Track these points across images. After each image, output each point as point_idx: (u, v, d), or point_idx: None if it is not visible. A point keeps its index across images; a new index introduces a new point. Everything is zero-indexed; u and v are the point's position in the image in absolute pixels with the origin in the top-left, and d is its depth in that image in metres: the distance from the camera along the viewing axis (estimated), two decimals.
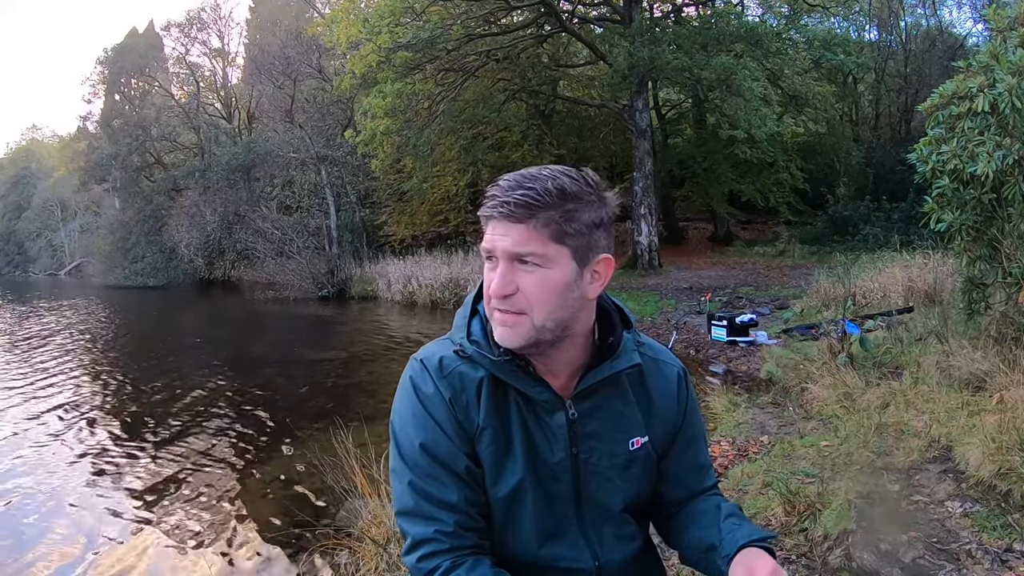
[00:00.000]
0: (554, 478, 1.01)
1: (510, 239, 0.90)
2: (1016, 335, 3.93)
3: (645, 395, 1.06)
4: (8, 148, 54.61)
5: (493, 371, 0.97)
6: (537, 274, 0.91)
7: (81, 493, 4.72)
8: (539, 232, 0.89)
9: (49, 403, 7.28)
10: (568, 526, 1.03)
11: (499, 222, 0.91)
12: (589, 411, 1.01)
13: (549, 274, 0.91)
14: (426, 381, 0.98)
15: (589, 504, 1.03)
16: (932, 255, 7.22)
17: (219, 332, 13.93)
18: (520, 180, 0.91)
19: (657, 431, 1.07)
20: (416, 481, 0.96)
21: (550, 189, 0.90)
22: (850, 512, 2.68)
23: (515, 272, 0.91)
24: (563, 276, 0.92)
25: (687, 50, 13.66)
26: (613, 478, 1.03)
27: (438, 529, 0.95)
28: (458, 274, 14.74)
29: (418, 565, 0.96)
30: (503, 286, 0.91)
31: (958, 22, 23.82)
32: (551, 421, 1.00)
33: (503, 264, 0.92)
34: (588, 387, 1.00)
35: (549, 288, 0.91)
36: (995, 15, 4.12)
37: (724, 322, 7.46)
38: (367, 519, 3.14)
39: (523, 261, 0.91)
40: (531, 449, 0.99)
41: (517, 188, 0.90)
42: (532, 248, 0.90)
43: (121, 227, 27.63)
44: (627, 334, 1.03)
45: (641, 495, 1.09)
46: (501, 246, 0.91)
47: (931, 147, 4.15)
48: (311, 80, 21.73)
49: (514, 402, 0.99)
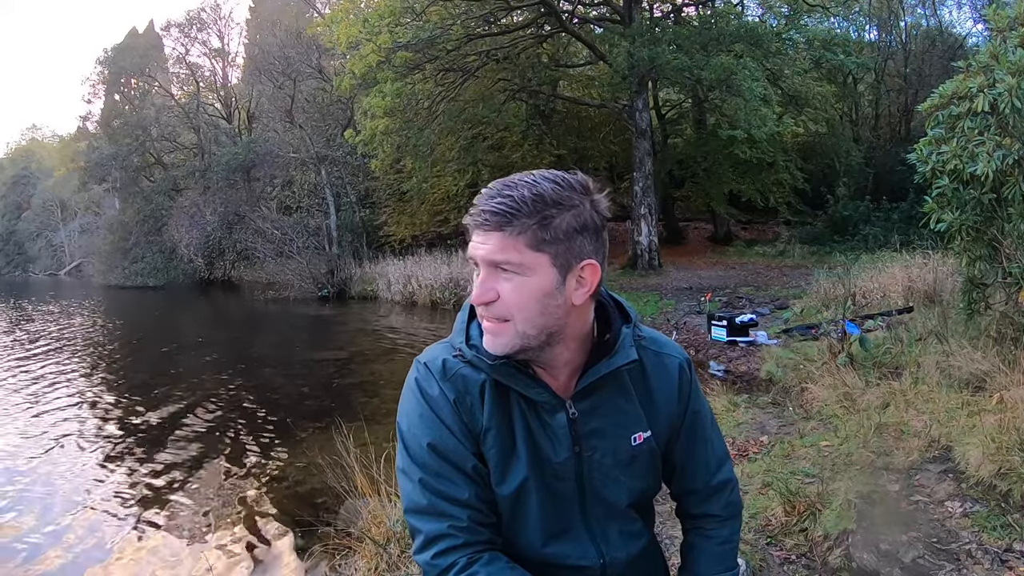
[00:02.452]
0: (559, 477, 1.01)
1: (487, 247, 0.91)
2: (1016, 335, 3.94)
3: (646, 389, 1.06)
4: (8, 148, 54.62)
5: (492, 374, 0.97)
6: (515, 281, 0.91)
7: (81, 493, 4.72)
8: (515, 240, 0.90)
9: (49, 404, 7.29)
10: (573, 524, 1.03)
11: (478, 230, 0.92)
12: (589, 409, 1.01)
13: (528, 282, 0.91)
14: (431, 383, 0.99)
15: (594, 502, 1.04)
16: (932, 255, 7.21)
17: (219, 332, 13.93)
18: (500, 188, 0.92)
19: (659, 425, 1.07)
20: (427, 479, 0.97)
21: (526, 196, 0.90)
22: (850, 512, 2.68)
23: (496, 280, 0.92)
24: (543, 283, 0.92)
25: (687, 50, 13.66)
26: (617, 475, 1.04)
27: (452, 524, 0.95)
28: (458, 274, 14.74)
29: (433, 562, 0.95)
30: (483, 293, 0.92)
31: (958, 22, 23.79)
32: (553, 421, 1.00)
33: (483, 272, 0.93)
34: (587, 386, 1.00)
35: (528, 295, 0.92)
36: (995, 15, 4.12)
37: (724, 322, 7.46)
38: (367, 519, 3.14)
39: (502, 269, 0.92)
40: (534, 449, 1.00)
41: (495, 196, 0.91)
42: (508, 256, 0.90)
43: (121, 227, 27.60)
44: (626, 329, 1.02)
45: (646, 491, 1.09)
46: (479, 254, 0.92)
47: (931, 147, 4.14)
48: (311, 80, 21.71)
49: (516, 403, 1.00)
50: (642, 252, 15.15)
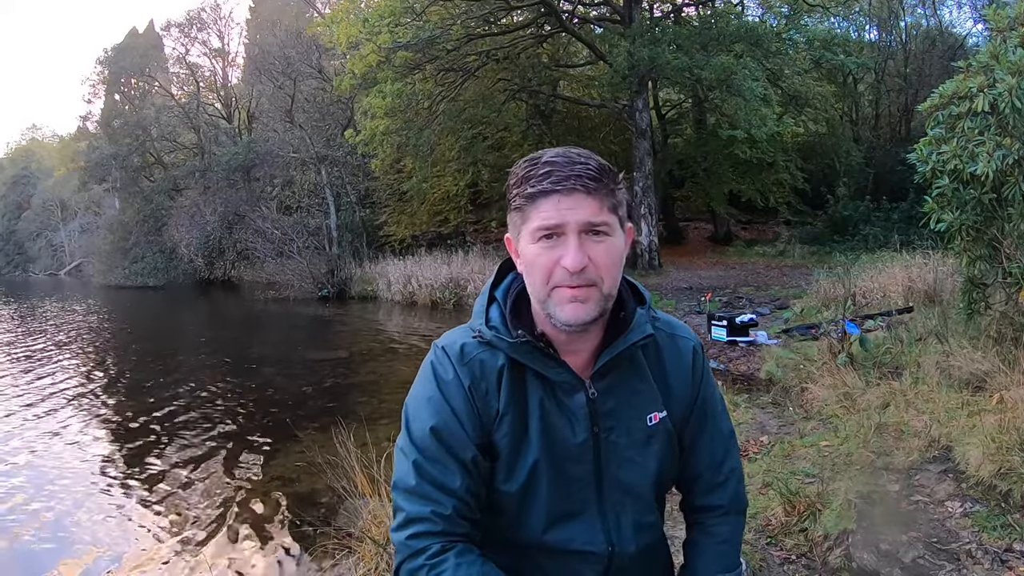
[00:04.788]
0: (575, 460, 1.01)
1: (585, 210, 0.92)
2: (1016, 335, 3.94)
3: (661, 370, 1.07)
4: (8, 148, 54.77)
5: (512, 354, 0.98)
6: (606, 243, 0.94)
7: (80, 492, 4.72)
8: (604, 202, 0.93)
9: (49, 404, 7.28)
10: (587, 508, 1.03)
11: (565, 196, 0.92)
12: (607, 389, 1.02)
13: (615, 242, 0.95)
14: (446, 368, 1.00)
15: (611, 485, 1.04)
16: (932, 255, 7.21)
17: (219, 332, 13.93)
18: (571, 157, 0.93)
19: (674, 406, 1.08)
20: (422, 462, 0.97)
21: (602, 164, 0.94)
22: (850, 512, 2.68)
23: (586, 244, 0.93)
24: (621, 244, 0.97)
25: (687, 50, 13.67)
26: (633, 455, 1.04)
27: (435, 511, 0.95)
28: (458, 274, 14.73)
29: (407, 542, 0.96)
30: (580, 259, 0.92)
31: (958, 22, 23.84)
32: (571, 402, 1.01)
33: (574, 238, 0.92)
34: (605, 364, 1.01)
35: (615, 255, 0.95)
36: (995, 15, 4.12)
37: (724, 322, 7.45)
38: (367, 519, 3.14)
39: (595, 232, 0.93)
40: (548, 432, 1.00)
41: (574, 163, 0.92)
42: (604, 218, 0.93)
43: (121, 227, 27.62)
44: (640, 309, 1.04)
45: (664, 474, 1.08)
46: (576, 219, 0.92)
47: (931, 147, 4.14)
48: (311, 80, 21.70)
49: (533, 387, 1.00)
50: (642, 252, 15.15)
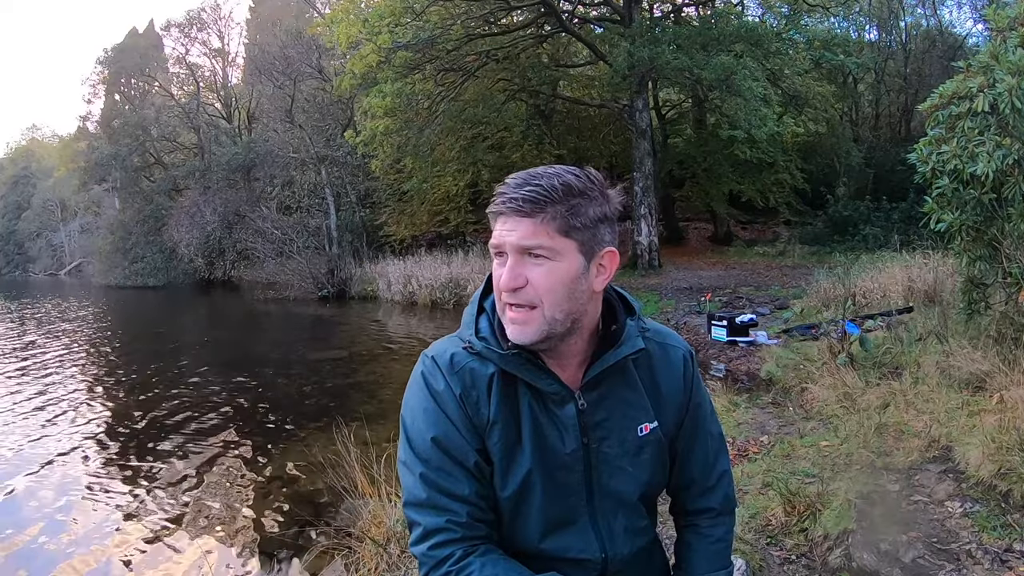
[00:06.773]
0: (566, 469, 1.02)
1: (518, 233, 0.93)
2: (1016, 335, 3.93)
3: (652, 381, 1.08)
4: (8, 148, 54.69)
5: (502, 365, 0.98)
6: (546, 266, 0.94)
7: (80, 492, 4.72)
8: (546, 226, 0.93)
9: (49, 404, 7.28)
10: (579, 517, 1.04)
11: (508, 217, 0.94)
12: (597, 400, 1.03)
13: (558, 266, 0.94)
14: (437, 377, 1.00)
15: (602, 494, 1.04)
16: (932, 255, 7.20)
17: (219, 332, 13.93)
18: (527, 178, 0.94)
19: (666, 416, 1.08)
20: (428, 473, 0.98)
21: (556, 185, 0.93)
22: (850, 512, 2.68)
23: (524, 265, 0.94)
24: (571, 269, 0.95)
25: (687, 50, 13.65)
26: (625, 466, 1.05)
27: (450, 519, 0.96)
28: (458, 274, 14.74)
29: (430, 553, 0.96)
30: (512, 279, 0.94)
31: (958, 22, 23.87)
32: (561, 413, 1.01)
33: (512, 258, 0.94)
34: (595, 376, 1.01)
35: (557, 279, 0.94)
36: (995, 15, 4.12)
37: (724, 322, 7.44)
38: (367, 519, 3.14)
39: (532, 254, 0.93)
40: (540, 441, 1.00)
41: (525, 185, 0.93)
42: (540, 241, 0.93)
43: (121, 227, 27.63)
44: (630, 321, 1.04)
45: (654, 483, 1.10)
46: (510, 240, 0.94)
47: (931, 147, 4.14)
48: (311, 80, 21.71)
49: (524, 396, 1.01)
50: (642, 252, 15.14)
